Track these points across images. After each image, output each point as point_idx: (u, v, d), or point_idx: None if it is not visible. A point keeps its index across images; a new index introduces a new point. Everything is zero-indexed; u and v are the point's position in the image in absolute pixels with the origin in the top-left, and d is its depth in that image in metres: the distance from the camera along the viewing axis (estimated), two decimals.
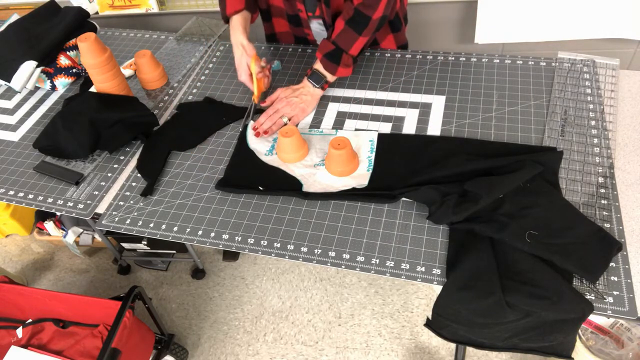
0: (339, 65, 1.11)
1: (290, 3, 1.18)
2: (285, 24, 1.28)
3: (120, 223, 1.00)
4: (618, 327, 1.31)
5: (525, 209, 0.85)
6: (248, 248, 0.92)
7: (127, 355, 1.23)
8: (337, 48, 1.09)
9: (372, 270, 0.86)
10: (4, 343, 1.36)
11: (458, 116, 1.09)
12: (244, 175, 1.04)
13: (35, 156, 1.17)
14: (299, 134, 1.01)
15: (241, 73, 1.17)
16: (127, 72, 1.35)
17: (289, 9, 1.21)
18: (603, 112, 1.05)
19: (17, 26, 1.35)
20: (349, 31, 1.07)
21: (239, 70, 1.17)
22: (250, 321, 1.71)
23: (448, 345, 1.56)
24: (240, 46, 1.14)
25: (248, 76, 1.16)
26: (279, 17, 1.27)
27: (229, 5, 1.16)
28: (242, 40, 1.14)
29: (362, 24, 1.06)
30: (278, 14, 1.26)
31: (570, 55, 1.18)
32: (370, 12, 1.04)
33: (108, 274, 1.92)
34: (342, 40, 1.08)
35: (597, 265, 0.79)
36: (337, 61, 1.10)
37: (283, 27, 1.30)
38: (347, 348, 1.60)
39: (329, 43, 1.09)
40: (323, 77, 1.13)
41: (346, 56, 1.10)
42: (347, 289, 1.75)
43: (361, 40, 1.08)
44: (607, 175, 0.93)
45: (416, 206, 0.94)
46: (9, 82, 1.30)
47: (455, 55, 1.23)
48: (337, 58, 1.10)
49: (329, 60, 1.11)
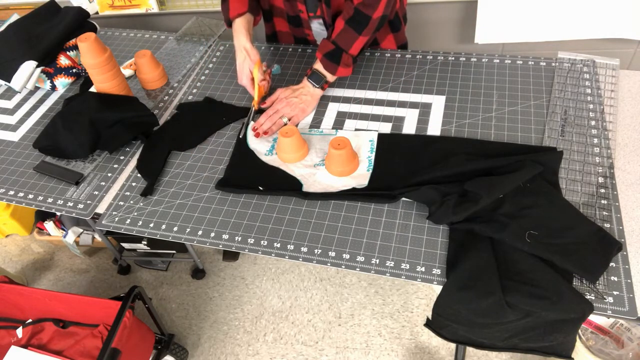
0: (339, 65, 1.10)
1: (291, 4, 1.18)
2: (285, 24, 1.28)
3: (120, 223, 1.00)
4: (618, 327, 1.31)
5: (525, 209, 0.85)
6: (248, 248, 0.92)
7: (127, 355, 1.23)
8: (337, 48, 1.09)
9: (372, 270, 0.86)
10: (4, 343, 1.36)
11: (458, 116, 1.09)
12: (244, 175, 1.04)
13: (35, 156, 1.17)
14: (299, 134, 1.01)
15: (242, 77, 1.16)
16: (127, 72, 1.35)
17: (289, 9, 1.21)
18: (603, 112, 1.05)
19: (17, 26, 1.35)
20: (349, 31, 1.07)
21: (240, 74, 1.16)
22: (250, 321, 1.71)
23: (448, 345, 1.56)
24: (244, 50, 1.13)
25: (249, 80, 1.15)
26: (280, 17, 1.27)
27: (232, 8, 1.15)
28: (246, 44, 1.13)
29: (362, 23, 1.06)
30: (279, 14, 1.26)
31: (570, 55, 1.18)
32: (370, 12, 1.04)
33: (108, 274, 1.92)
34: (342, 40, 1.08)
35: (597, 265, 0.79)
36: (337, 61, 1.10)
37: (283, 27, 1.30)
38: (347, 348, 1.60)
39: (329, 43, 1.09)
40: (323, 77, 1.13)
41: (346, 56, 1.09)
42: (347, 289, 1.75)
43: (361, 40, 1.08)
44: (607, 175, 0.93)
45: (416, 206, 0.94)
46: (9, 82, 1.30)
47: (455, 55, 1.23)
48: (337, 58, 1.10)
49: (329, 60, 1.10)
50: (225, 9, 1.16)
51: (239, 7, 1.15)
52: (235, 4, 1.15)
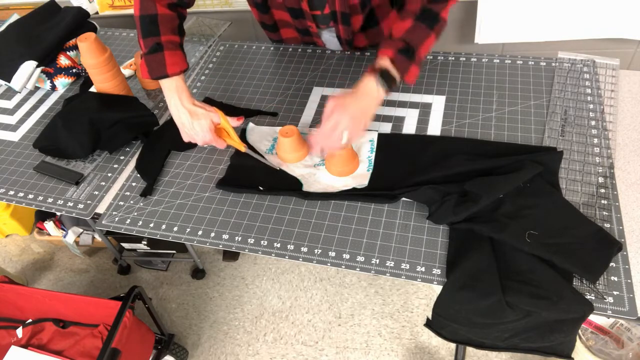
0: (413, 62, 0.92)
1: (299, 20, 1.17)
2: (293, 32, 1.27)
3: (120, 223, 1.00)
4: (618, 327, 1.31)
5: (525, 209, 0.85)
6: (248, 248, 0.92)
7: (127, 355, 1.23)
8: (408, 45, 0.91)
9: (372, 270, 0.86)
10: (4, 343, 1.36)
11: (458, 116, 1.09)
12: (245, 175, 1.04)
13: (35, 156, 1.17)
14: (299, 134, 1.01)
15: (205, 135, 1.00)
16: (127, 72, 1.35)
17: (297, 24, 1.20)
18: (603, 112, 1.05)
19: (17, 26, 1.35)
20: (419, 27, 0.92)
21: (202, 134, 0.99)
22: (250, 321, 1.71)
23: (448, 345, 1.56)
24: (199, 108, 0.99)
25: (214, 134, 1.01)
26: (287, 27, 1.26)
27: (171, 63, 0.97)
28: (196, 104, 1.00)
29: (432, 20, 0.93)
30: (285, 25, 1.25)
31: (570, 55, 1.18)
32: (439, 8, 0.93)
33: (108, 274, 1.92)
34: (413, 36, 0.91)
35: (597, 266, 0.79)
36: (412, 57, 0.91)
37: (291, 35, 1.29)
38: (347, 348, 1.60)
39: (397, 41, 0.92)
40: (393, 78, 0.91)
41: (417, 54, 0.92)
42: (347, 289, 1.75)
43: (432, 39, 0.94)
44: (607, 175, 0.93)
45: (416, 206, 0.94)
46: (9, 82, 1.30)
47: (455, 55, 1.23)
48: (411, 54, 0.91)
49: (403, 55, 0.90)
50: (156, 61, 0.96)
51: (179, 62, 0.98)
52: (173, 58, 0.97)
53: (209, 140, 1.01)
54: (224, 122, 1.01)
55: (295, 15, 1.16)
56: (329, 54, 1.29)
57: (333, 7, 1.08)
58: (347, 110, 0.90)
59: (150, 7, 0.97)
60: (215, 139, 1.02)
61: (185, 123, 1.00)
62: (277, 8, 1.17)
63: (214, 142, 1.02)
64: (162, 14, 0.98)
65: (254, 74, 1.29)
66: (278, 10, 1.18)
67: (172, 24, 1.00)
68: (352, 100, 0.91)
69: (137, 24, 0.99)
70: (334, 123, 0.90)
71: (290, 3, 1.11)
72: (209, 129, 0.99)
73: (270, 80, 1.26)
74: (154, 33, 0.97)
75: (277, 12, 1.19)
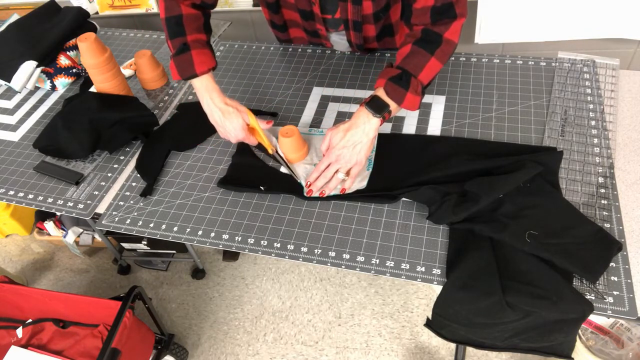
0: (408, 90, 0.89)
1: (308, 22, 1.17)
2: (301, 33, 1.27)
3: (120, 223, 1.00)
4: (618, 327, 1.31)
5: (525, 209, 0.85)
6: (248, 248, 0.92)
7: (127, 355, 1.23)
8: (404, 71, 0.90)
9: (372, 270, 0.86)
10: (4, 343, 1.36)
11: (458, 116, 1.09)
12: (246, 174, 1.04)
13: (35, 156, 1.17)
14: (299, 134, 1.01)
15: (238, 134, 1.00)
16: (127, 72, 1.35)
17: (307, 25, 1.20)
18: (603, 112, 1.05)
19: (17, 26, 1.35)
20: (418, 52, 0.91)
21: (235, 132, 1.00)
22: (250, 321, 1.71)
23: (448, 345, 1.56)
24: (227, 107, 0.99)
25: (247, 132, 1.01)
26: (296, 27, 1.26)
27: (199, 62, 0.97)
28: (227, 101, 1.00)
29: (433, 42, 0.91)
30: (294, 25, 1.25)
31: (570, 55, 1.18)
32: (442, 30, 0.91)
33: (108, 274, 1.92)
34: (410, 63, 0.91)
35: (597, 265, 0.79)
36: (405, 85, 0.89)
37: (299, 35, 1.29)
38: (347, 348, 1.60)
39: (393, 68, 0.92)
40: (385, 105, 0.91)
41: (415, 81, 0.90)
42: (347, 289, 1.75)
43: (433, 63, 0.91)
44: (607, 175, 0.93)
45: (416, 206, 0.94)
46: (9, 82, 1.30)
47: (455, 55, 1.23)
48: (405, 82, 0.90)
49: (396, 83, 0.90)
50: (184, 61, 0.97)
51: (207, 61, 0.98)
52: (201, 57, 0.97)
53: (242, 138, 1.02)
54: (253, 122, 1.01)
55: (305, 17, 1.16)
56: (329, 54, 1.30)
57: (345, 15, 1.09)
58: (338, 152, 0.94)
59: (175, 8, 0.99)
60: (248, 137, 1.02)
61: (217, 121, 1.01)
62: (288, 8, 1.17)
63: (247, 139, 1.02)
64: (186, 14, 0.99)
65: (253, 74, 1.29)
66: (288, 10, 1.18)
67: (197, 22, 1.01)
68: (342, 136, 0.93)
69: (164, 27, 1.01)
70: (328, 165, 0.95)
71: (302, 5, 1.11)
72: (241, 127, 0.99)
73: (270, 80, 1.26)
74: (180, 33, 0.98)
75: (287, 12, 1.19)
